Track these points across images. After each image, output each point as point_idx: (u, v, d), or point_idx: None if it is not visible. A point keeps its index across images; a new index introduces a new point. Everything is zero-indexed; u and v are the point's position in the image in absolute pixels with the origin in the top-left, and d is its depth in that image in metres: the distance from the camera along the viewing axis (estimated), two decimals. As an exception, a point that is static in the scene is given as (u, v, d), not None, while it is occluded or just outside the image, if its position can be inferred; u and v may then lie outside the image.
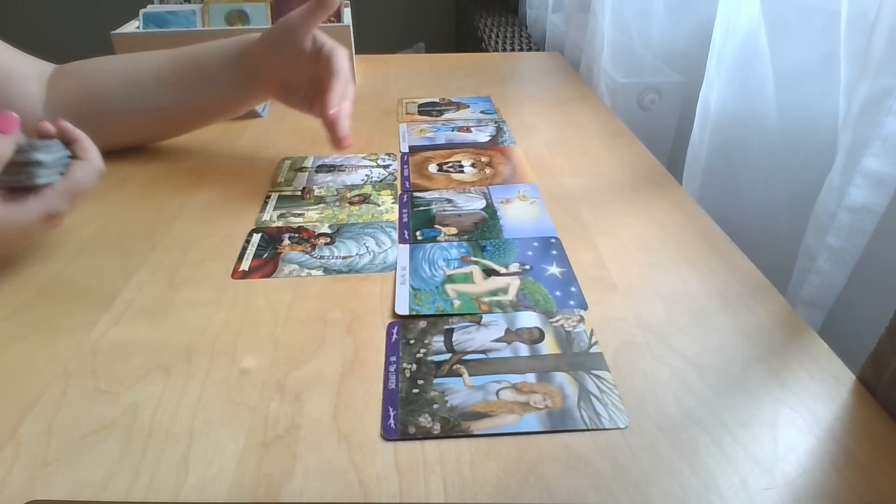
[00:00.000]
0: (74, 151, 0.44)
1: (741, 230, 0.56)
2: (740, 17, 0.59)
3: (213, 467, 0.31)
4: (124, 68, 0.60)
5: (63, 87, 0.59)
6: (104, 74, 0.60)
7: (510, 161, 0.64)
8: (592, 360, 0.37)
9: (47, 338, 0.39)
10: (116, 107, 0.60)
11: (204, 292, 0.44)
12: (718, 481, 0.30)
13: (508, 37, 1.47)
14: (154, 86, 0.59)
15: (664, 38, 0.86)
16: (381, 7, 2.46)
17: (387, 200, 0.56)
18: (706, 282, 0.44)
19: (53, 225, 0.43)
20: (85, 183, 0.44)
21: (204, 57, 0.59)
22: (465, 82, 0.91)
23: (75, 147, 0.44)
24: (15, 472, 0.30)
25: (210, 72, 0.59)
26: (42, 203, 0.41)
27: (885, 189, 0.43)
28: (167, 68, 0.59)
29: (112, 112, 0.60)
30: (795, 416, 0.33)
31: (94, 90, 0.59)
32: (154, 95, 0.59)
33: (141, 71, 0.60)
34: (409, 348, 0.38)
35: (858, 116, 0.43)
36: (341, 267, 0.47)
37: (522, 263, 0.47)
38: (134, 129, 0.63)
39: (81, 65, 0.61)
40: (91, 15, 2.31)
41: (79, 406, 0.34)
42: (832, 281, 0.47)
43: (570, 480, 0.30)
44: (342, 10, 0.90)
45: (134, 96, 0.59)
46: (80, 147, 0.45)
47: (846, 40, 0.47)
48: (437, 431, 0.33)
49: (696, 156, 0.67)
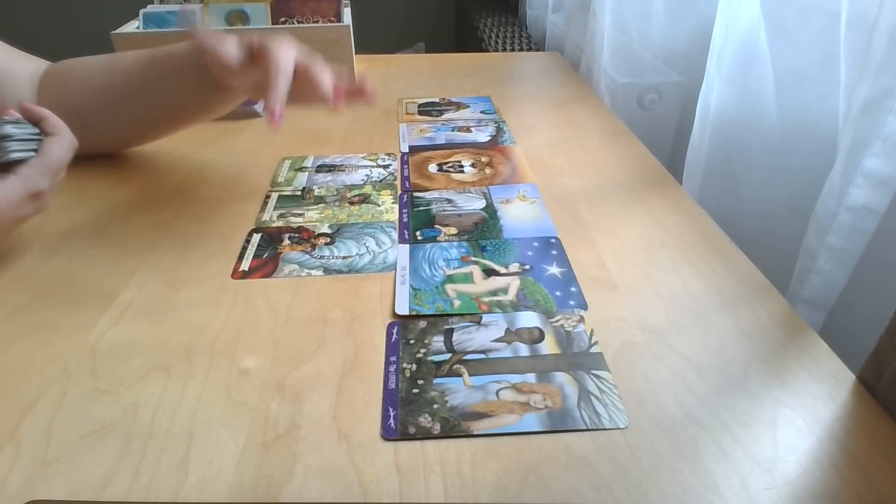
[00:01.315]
0: (43, 128, 0.44)
1: (741, 230, 0.56)
2: (740, 17, 0.59)
3: (213, 467, 0.31)
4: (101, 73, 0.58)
5: (49, 91, 0.58)
6: (84, 80, 0.58)
7: (510, 161, 0.64)
8: (592, 360, 0.37)
9: (47, 338, 0.39)
10: (95, 112, 0.58)
11: (204, 292, 0.44)
12: (718, 481, 0.30)
13: (508, 37, 1.47)
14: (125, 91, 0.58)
15: (664, 38, 0.86)
16: (381, 7, 2.46)
17: (387, 200, 0.56)
18: (706, 282, 0.44)
19: (40, 205, 0.43)
20: (61, 157, 0.43)
21: (169, 60, 0.56)
22: (465, 82, 0.91)
23: (43, 124, 0.44)
24: (15, 472, 0.30)
25: (176, 75, 0.56)
26: (23, 182, 0.41)
27: (885, 189, 0.43)
28: (136, 72, 0.57)
29: (93, 118, 0.58)
30: (795, 416, 0.33)
31: (75, 96, 0.58)
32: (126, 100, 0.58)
33: (115, 76, 0.58)
34: (409, 348, 0.38)
35: (859, 116, 0.43)
36: (341, 267, 0.47)
37: (522, 263, 0.47)
38: (114, 134, 0.62)
39: (67, 67, 0.59)
40: (91, 15, 2.30)
41: (79, 406, 0.34)
42: (833, 281, 0.47)
43: (570, 480, 0.30)
44: (342, 10, 0.90)
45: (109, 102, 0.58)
46: (48, 123, 0.44)
47: (846, 40, 0.47)
48: (437, 431, 0.33)
49: (696, 156, 0.67)
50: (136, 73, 0.58)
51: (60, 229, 0.51)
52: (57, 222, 0.52)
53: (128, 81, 0.58)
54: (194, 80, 0.56)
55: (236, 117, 0.75)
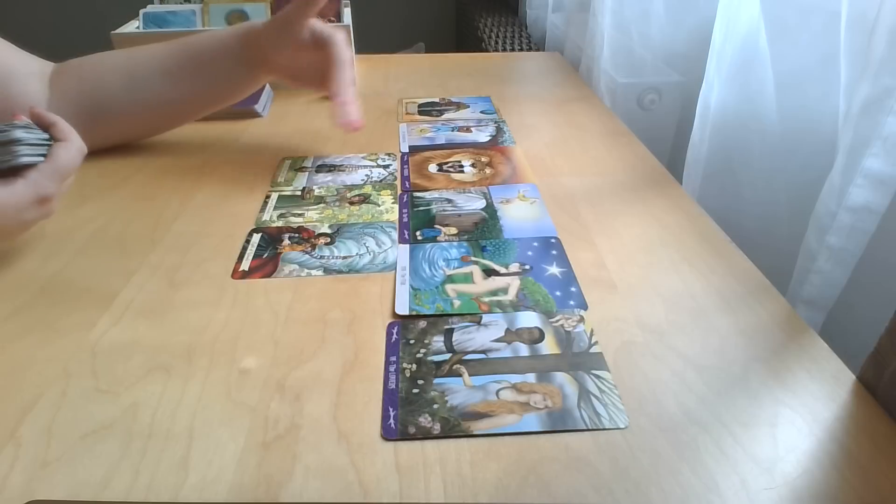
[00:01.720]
0: (53, 134, 0.44)
1: (741, 230, 0.56)
2: (740, 17, 0.59)
3: (213, 467, 0.31)
4: (123, 63, 0.61)
5: (65, 85, 0.59)
6: (104, 71, 0.60)
7: (510, 161, 0.64)
8: (592, 360, 0.37)
9: (47, 338, 0.39)
10: (119, 102, 0.60)
11: (204, 292, 0.44)
12: (718, 481, 0.30)
13: (508, 37, 1.47)
14: (156, 78, 0.60)
15: (664, 38, 0.86)
16: (381, 7, 2.46)
17: (387, 200, 0.56)
18: (706, 282, 0.44)
19: (47, 210, 0.43)
20: (70, 163, 0.44)
21: (204, 47, 0.60)
22: (465, 82, 0.91)
23: (53, 130, 0.44)
24: (15, 472, 0.30)
25: (212, 61, 0.60)
26: (31, 186, 0.41)
27: (885, 189, 0.43)
28: (169, 60, 0.60)
29: (115, 108, 0.60)
30: (795, 416, 0.33)
31: (96, 87, 0.60)
32: (157, 88, 0.60)
33: (141, 65, 0.60)
34: (409, 348, 0.38)
35: (859, 116, 0.43)
36: (341, 267, 0.47)
37: (522, 263, 0.47)
38: (137, 123, 0.64)
39: (80, 62, 0.61)
40: (91, 15, 2.30)
41: (79, 406, 0.34)
42: (832, 281, 0.47)
43: (570, 480, 0.30)
44: (342, 9, 0.90)
45: (136, 91, 0.60)
46: (57, 129, 0.44)
47: (846, 40, 0.47)
48: (437, 431, 0.33)
49: (696, 156, 0.67)
50: (168, 59, 0.60)
51: (60, 229, 0.51)
52: (57, 222, 0.52)
53: (158, 67, 0.60)
54: (230, 67, 0.60)
55: (236, 117, 0.75)
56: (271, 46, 0.59)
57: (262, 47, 0.59)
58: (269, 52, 0.59)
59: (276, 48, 0.59)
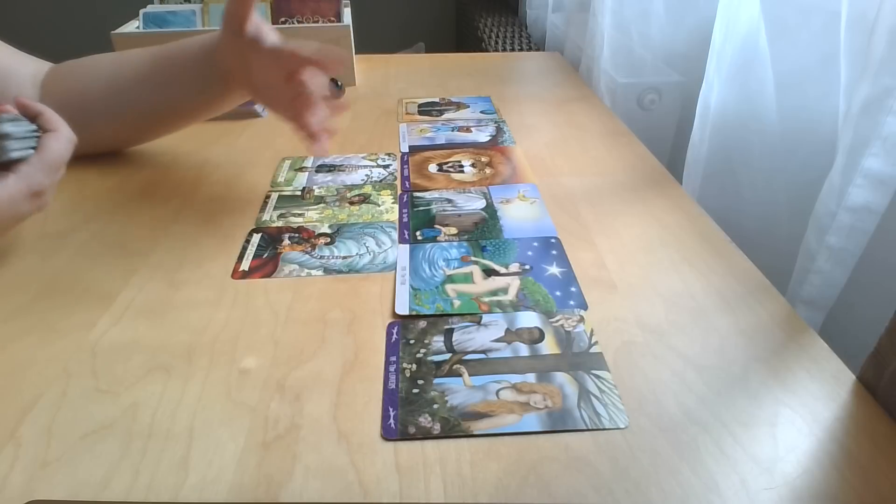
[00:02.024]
0: (41, 124, 0.43)
1: (741, 230, 0.56)
2: (740, 17, 0.59)
3: (213, 467, 0.31)
4: (108, 68, 0.59)
5: (54, 89, 0.58)
6: (90, 76, 0.59)
7: (510, 161, 0.64)
8: (592, 360, 0.37)
9: (47, 338, 0.39)
10: (100, 110, 0.58)
11: (204, 292, 0.44)
12: (718, 481, 0.30)
13: (508, 37, 1.47)
14: (133, 86, 0.58)
15: (664, 38, 0.86)
16: (381, 7, 2.46)
17: (387, 200, 0.56)
18: (706, 282, 0.44)
19: (41, 203, 0.43)
20: (60, 153, 0.43)
21: (179, 55, 0.57)
22: (465, 82, 0.91)
23: (40, 120, 0.44)
24: (15, 472, 0.30)
25: (184, 70, 0.56)
26: (23, 180, 0.41)
27: (885, 189, 0.43)
28: (148, 66, 0.58)
29: (96, 115, 0.58)
30: (795, 416, 0.33)
31: (80, 94, 0.58)
32: (134, 96, 0.58)
33: (123, 71, 0.58)
34: (409, 348, 0.38)
35: (859, 116, 0.43)
36: (341, 267, 0.47)
37: (522, 263, 0.47)
38: (117, 131, 0.62)
39: (71, 66, 0.60)
40: (91, 15, 2.30)
41: (79, 406, 0.34)
42: (832, 281, 0.47)
43: (570, 480, 0.30)
44: (342, 9, 0.90)
45: (115, 98, 0.58)
46: (45, 119, 0.44)
47: (846, 40, 0.47)
48: (437, 431, 0.33)
49: (696, 156, 0.67)
50: (145, 66, 0.58)
51: (60, 229, 0.51)
52: (57, 222, 0.52)
53: (136, 75, 0.58)
54: (203, 76, 0.56)
55: (236, 117, 0.75)
56: (229, 51, 0.53)
57: (222, 51, 0.54)
58: (229, 56, 0.53)
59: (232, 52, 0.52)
